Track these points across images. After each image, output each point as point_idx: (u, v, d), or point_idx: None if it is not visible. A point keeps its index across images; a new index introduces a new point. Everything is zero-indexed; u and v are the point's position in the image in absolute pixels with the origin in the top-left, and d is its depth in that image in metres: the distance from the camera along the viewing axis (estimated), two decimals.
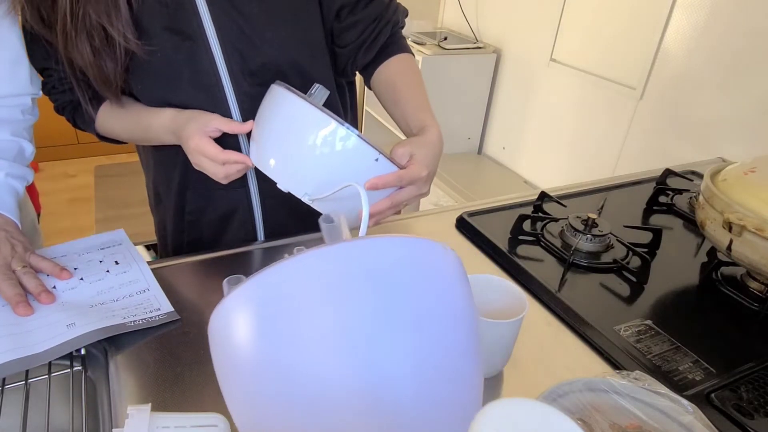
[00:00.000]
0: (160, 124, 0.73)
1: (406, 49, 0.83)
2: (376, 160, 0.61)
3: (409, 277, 0.37)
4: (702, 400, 0.57)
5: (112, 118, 0.77)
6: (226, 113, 0.74)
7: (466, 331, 0.40)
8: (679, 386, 0.59)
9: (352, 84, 0.91)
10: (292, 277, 0.36)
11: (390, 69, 0.81)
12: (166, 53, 0.69)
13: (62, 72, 0.72)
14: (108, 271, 0.70)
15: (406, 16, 0.85)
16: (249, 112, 0.75)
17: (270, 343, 0.36)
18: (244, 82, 0.74)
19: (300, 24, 0.75)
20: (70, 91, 0.76)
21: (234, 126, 0.68)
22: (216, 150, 0.67)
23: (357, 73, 0.86)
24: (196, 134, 0.67)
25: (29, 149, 0.76)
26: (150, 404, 0.43)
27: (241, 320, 0.37)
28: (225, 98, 0.74)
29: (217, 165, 0.68)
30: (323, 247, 0.36)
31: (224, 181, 0.70)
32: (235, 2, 0.69)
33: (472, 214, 0.92)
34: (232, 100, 0.74)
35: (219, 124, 0.68)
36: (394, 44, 0.82)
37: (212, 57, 0.71)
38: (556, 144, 2.07)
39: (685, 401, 0.50)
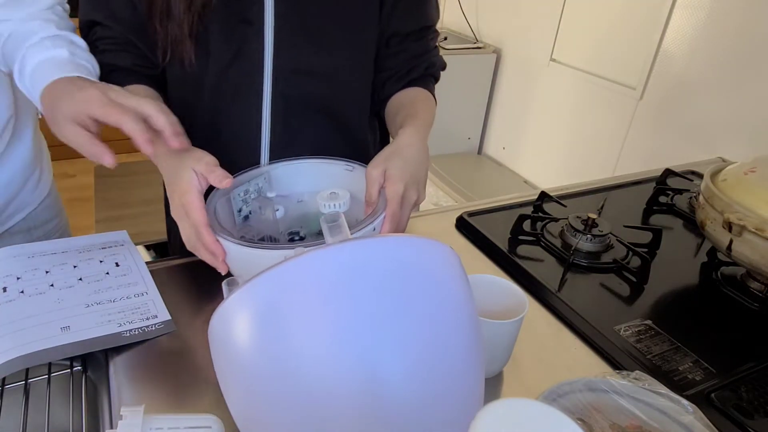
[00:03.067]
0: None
1: (430, 89, 0.83)
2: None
3: (410, 276, 0.37)
4: (702, 400, 0.57)
5: None
6: (258, 108, 0.75)
7: (467, 331, 0.40)
8: (679, 386, 0.59)
9: (383, 121, 0.89)
10: (293, 278, 0.36)
11: (403, 93, 0.81)
12: (220, 29, 0.70)
13: (109, 30, 0.71)
14: (108, 273, 0.70)
15: (443, 69, 0.86)
16: (276, 114, 0.75)
17: (270, 344, 0.36)
18: (283, 80, 0.74)
19: (357, 30, 0.75)
20: (113, 53, 0.73)
21: (217, 173, 0.59)
22: (202, 215, 0.58)
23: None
24: (194, 189, 0.59)
25: (79, 41, 0.69)
26: (143, 405, 0.43)
27: (242, 321, 0.37)
28: (260, 90, 0.74)
29: (192, 230, 0.60)
30: (323, 248, 0.37)
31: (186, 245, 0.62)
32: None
33: (472, 214, 0.92)
34: (267, 93, 0.74)
35: (203, 169, 0.59)
36: (421, 80, 0.82)
37: (261, 45, 0.71)
38: (556, 144, 2.07)
39: (685, 401, 0.50)
